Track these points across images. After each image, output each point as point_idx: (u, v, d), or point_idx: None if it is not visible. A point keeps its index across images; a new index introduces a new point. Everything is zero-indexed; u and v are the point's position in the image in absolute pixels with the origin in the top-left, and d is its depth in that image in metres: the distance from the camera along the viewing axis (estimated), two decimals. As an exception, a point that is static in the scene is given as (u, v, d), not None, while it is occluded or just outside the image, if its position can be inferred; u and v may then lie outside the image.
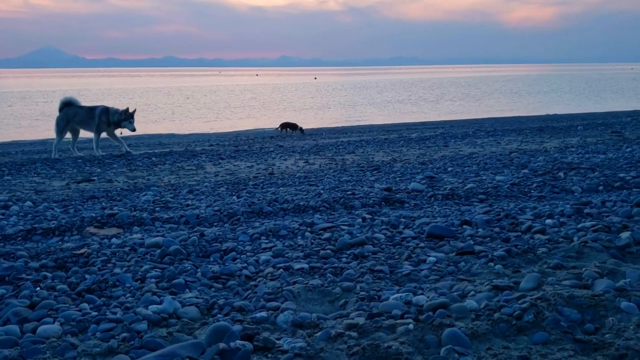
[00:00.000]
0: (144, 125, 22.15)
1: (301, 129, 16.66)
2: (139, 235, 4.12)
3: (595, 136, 11.11)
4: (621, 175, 5.87)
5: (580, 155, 7.82)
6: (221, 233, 4.01)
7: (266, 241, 3.80)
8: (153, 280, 3.08)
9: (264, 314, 2.50)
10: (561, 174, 6.20)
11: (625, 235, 3.46)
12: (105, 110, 10.78)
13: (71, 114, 10.82)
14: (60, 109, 10.92)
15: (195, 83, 70.05)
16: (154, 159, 9.88)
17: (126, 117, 10.67)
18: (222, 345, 2.09)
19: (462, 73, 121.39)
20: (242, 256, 3.46)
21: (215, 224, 4.50)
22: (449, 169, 7.36)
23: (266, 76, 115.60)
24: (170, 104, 32.52)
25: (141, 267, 3.31)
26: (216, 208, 4.94)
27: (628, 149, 8.24)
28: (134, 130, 10.89)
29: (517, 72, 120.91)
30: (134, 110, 10.85)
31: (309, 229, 4.06)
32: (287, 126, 16.97)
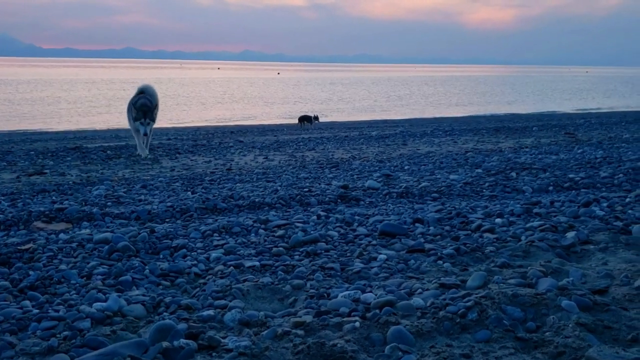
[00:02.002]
0: (98, 118, 21.68)
1: (316, 117, 16.67)
2: (87, 231, 4.02)
3: (550, 137, 11.39)
4: (571, 175, 6.03)
5: (534, 155, 8.01)
6: (172, 229, 3.95)
7: (218, 238, 3.76)
8: (99, 277, 3.01)
9: (211, 312, 2.47)
10: (513, 173, 6.34)
11: (570, 235, 3.56)
12: (135, 101, 9.11)
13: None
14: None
15: (155, 75, 68.84)
16: (109, 152, 9.68)
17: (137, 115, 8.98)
18: (165, 344, 2.06)
19: (425, 72, 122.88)
20: (192, 253, 3.41)
21: (167, 220, 4.43)
22: (406, 167, 7.44)
23: (228, 70, 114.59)
24: (127, 97, 31.93)
25: (88, 263, 3.23)
26: (169, 204, 4.86)
27: (579, 151, 8.48)
28: (144, 134, 9.06)
29: (478, 73, 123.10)
30: (154, 106, 9.14)
31: (263, 226, 4.03)
32: (305, 119, 16.84)
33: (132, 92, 9.80)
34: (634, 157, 7.35)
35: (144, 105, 8.99)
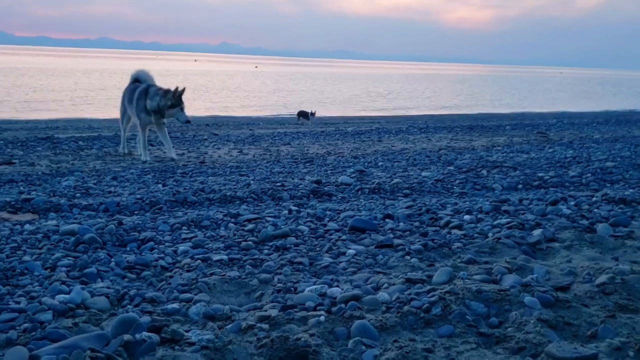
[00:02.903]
0: (71, 107, 21.33)
1: (312, 113, 16.54)
2: (54, 222, 3.95)
3: (522, 136, 11.54)
4: (540, 174, 6.12)
5: (505, 154, 8.11)
6: (141, 222, 3.91)
7: (187, 231, 3.73)
8: (64, 269, 2.96)
9: (175, 305, 2.45)
10: (484, 171, 6.41)
11: (537, 232, 3.62)
12: (145, 90, 7.72)
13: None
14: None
15: (131, 66, 67.76)
16: (80, 143, 9.52)
17: (174, 102, 7.46)
18: (126, 336, 2.04)
19: (403, 70, 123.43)
20: (160, 246, 3.38)
21: (136, 212, 4.38)
22: (380, 163, 7.47)
23: (206, 62, 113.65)
24: (101, 87, 31.41)
25: (53, 255, 3.17)
26: (138, 196, 4.81)
27: (550, 150, 8.61)
28: (187, 121, 7.70)
29: (455, 71, 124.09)
30: (183, 90, 7.59)
31: (233, 219, 4.01)
32: (302, 115, 16.69)
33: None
34: (603, 157, 7.50)
35: (175, 90, 7.58)
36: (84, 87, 31.02)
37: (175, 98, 7.48)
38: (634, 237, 3.65)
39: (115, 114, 19.03)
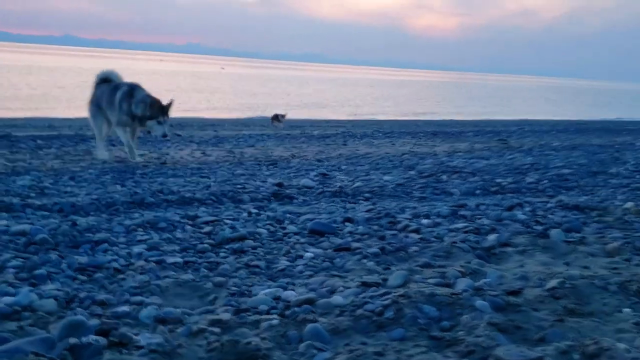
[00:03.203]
0: (31, 106, 20.80)
1: (283, 115, 16.25)
2: (4, 222, 3.83)
3: (483, 143, 11.73)
4: (498, 180, 6.23)
5: (466, 160, 8.23)
6: (96, 223, 3.82)
7: (143, 233, 3.66)
8: (12, 270, 2.87)
9: (126, 308, 2.40)
10: (444, 176, 6.49)
11: (491, 237, 3.68)
12: (130, 92, 7.31)
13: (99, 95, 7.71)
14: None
15: (96, 64, 66.57)
16: (39, 141, 9.27)
17: (153, 113, 7.10)
18: (72, 340, 1.99)
19: (371, 75, 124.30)
20: (114, 248, 3.31)
21: (92, 213, 4.28)
22: (343, 167, 7.49)
23: (171, 62, 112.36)
24: (63, 86, 30.75)
25: (1, 255, 3.08)
26: (94, 197, 4.71)
27: (510, 157, 8.77)
28: (164, 135, 7.42)
29: (421, 78, 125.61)
30: (170, 103, 7.27)
31: (190, 222, 3.97)
32: (275, 118, 16.36)
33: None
34: (560, 165, 7.68)
35: (158, 100, 7.26)
36: (45, 85, 30.30)
37: (154, 110, 7.14)
38: (586, 243, 3.75)
39: (78, 113, 18.67)
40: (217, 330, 2.20)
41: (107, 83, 7.76)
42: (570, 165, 7.69)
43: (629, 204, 4.85)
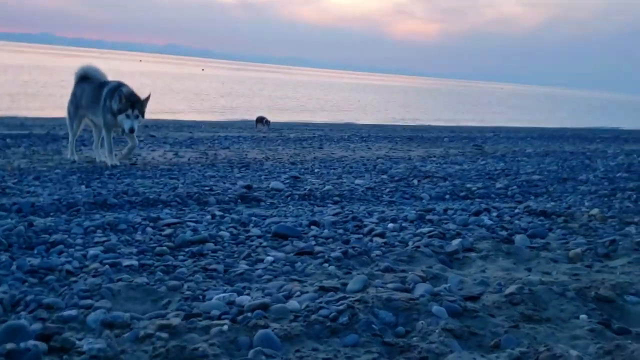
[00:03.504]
0: (2, 104, 20.41)
1: (267, 121, 15.91)
2: (-44, 222, 3.72)
3: (458, 148, 11.78)
4: (468, 185, 6.25)
5: (439, 165, 8.25)
6: (54, 224, 3.72)
7: (101, 235, 3.58)
8: (-42, 272, 2.78)
9: (73, 312, 2.32)
10: (415, 181, 6.49)
11: (455, 242, 3.67)
12: (115, 89, 6.89)
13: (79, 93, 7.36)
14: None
15: (74, 63, 65.63)
16: (8, 140, 9.09)
17: (122, 107, 6.66)
18: (9, 345, 1.91)
19: (352, 79, 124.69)
20: (69, 250, 3.23)
21: (52, 214, 4.17)
22: (316, 170, 7.45)
23: (151, 63, 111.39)
24: (37, 85, 30.24)
25: (-52, 257, 2.98)
26: (56, 197, 4.60)
27: (482, 162, 8.82)
28: (131, 130, 6.78)
29: (401, 83, 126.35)
30: (147, 98, 6.92)
31: (152, 224, 3.88)
32: (259, 121, 15.97)
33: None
34: (531, 171, 7.73)
35: (132, 93, 6.84)
36: (19, 84, 29.77)
37: (123, 103, 6.68)
38: (549, 249, 3.76)
39: (52, 112, 18.37)
40: (164, 335, 2.14)
41: (87, 81, 7.38)
42: (541, 171, 7.76)
43: (595, 211, 4.89)
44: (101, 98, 6.96)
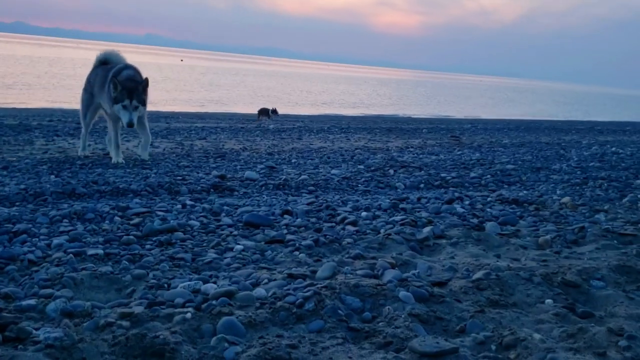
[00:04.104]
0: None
1: (274, 110, 15.53)
2: None
3: (436, 139, 11.83)
4: (443, 175, 6.27)
5: (416, 155, 8.27)
6: (18, 213, 3.64)
7: (67, 224, 3.51)
8: None
9: (32, 302, 2.27)
10: (391, 171, 6.49)
11: (426, 229, 3.67)
12: (117, 72, 6.11)
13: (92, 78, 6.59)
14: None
15: (52, 54, 64.71)
16: (-23, 131, 8.91)
17: (118, 95, 5.88)
18: (-38, 336, 1.86)
19: (332, 71, 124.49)
20: (33, 239, 3.16)
21: (17, 203, 4.09)
22: (293, 160, 7.42)
23: (129, 54, 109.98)
24: (10, 75, 29.69)
25: None
26: (22, 186, 4.51)
27: (459, 153, 8.86)
28: (129, 124, 5.93)
29: (382, 75, 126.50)
30: (146, 83, 6.07)
31: (120, 213, 3.82)
32: (263, 113, 15.57)
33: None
34: (505, 160, 7.79)
35: (129, 78, 5.93)
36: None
37: (119, 91, 5.86)
38: (519, 236, 3.78)
39: (26, 102, 18.03)
40: (126, 324, 2.10)
41: (103, 66, 6.61)
42: (515, 161, 7.81)
43: (566, 199, 4.93)
44: (106, 84, 6.21)
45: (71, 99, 20.35)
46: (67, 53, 75.04)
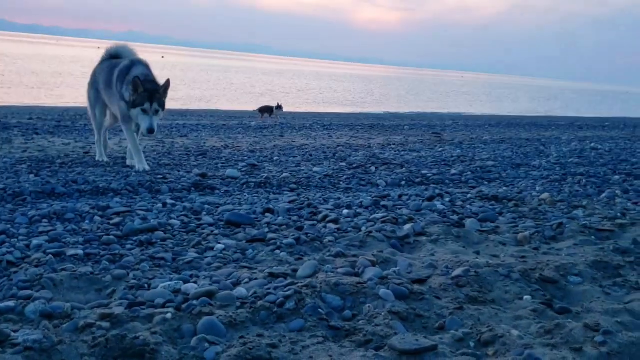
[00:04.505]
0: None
1: (279, 106, 15.27)
2: None
3: (417, 136, 11.89)
4: (424, 172, 6.31)
5: (397, 152, 8.31)
6: (-4, 214, 3.61)
7: (47, 224, 3.48)
8: None
9: (11, 303, 2.25)
10: (373, 168, 6.52)
11: (407, 227, 3.70)
12: (128, 69, 5.58)
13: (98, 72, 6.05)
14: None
15: (31, 50, 63.76)
16: (-46, 130, 8.77)
17: (137, 99, 5.33)
18: (-61, 339, 1.84)
19: (313, 67, 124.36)
20: (12, 240, 3.13)
21: (-5, 204, 4.04)
22: (275, 158, 7.41)
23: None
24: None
25: None
26: (1, 186, 4.45)
27: (440, 149, 8.92)
28: (150, 130, 5.34)
29: (364, 72, 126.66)
30: (167, 85, 5.50)
31: (100, 212, 3.80)
32: (265, 111, 15.25)
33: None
34: (486, 157, 7.86)
35: (150, 80, 5.42)
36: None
37: (139, 93, 5.29)
38: (499, 232, 3.83)
39: (8, 100, 17.74)
40: (106, 325, 2.09)
41: (112, 60, 6.04)
42: (495, 157, 7.89)
43: (545, 195, 5.00)
44: (113, 81, 5.62)
45: (51, 97, 20.11)
46: (47, 50, 74.01)
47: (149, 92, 5.30)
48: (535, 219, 4.25)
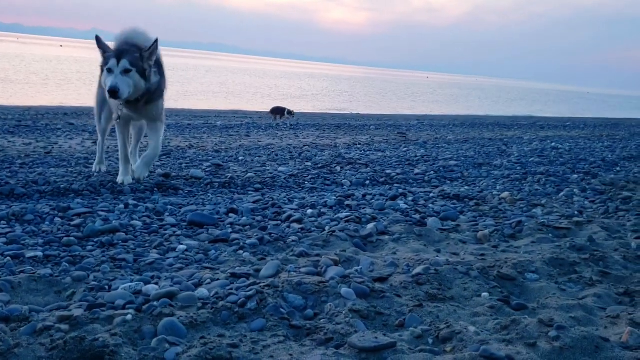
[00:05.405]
0: None
1: (290, 112, 15.15)
2: None
3: (383, 136, 12.00)
4: (388, 171, 6.39)
5: (363, 152, 8.37)
6: (-49, 216, 3.52)
7: (5, 226, 3.41)
8: None
9: (-35, 307, 2.21)
10: (338, 167, 6.57)
11: (370, 226, 3.74)
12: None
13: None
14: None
15: (-14, 47, 61.97)
16: None
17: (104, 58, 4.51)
18: None
19: (280, 67, 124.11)
20: (-33, 243, 3.06)
21: (-51, 206, 3.94)
22: (240, 158, 7.39)
23: (73, 48, 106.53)
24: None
25: None
26: (-44, 188, 4.34)
27: (404, 149, 9.03)
28: (112, 91, 4.38)
29: (331, 72, 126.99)
30: (154, 45, 4.59)
31: (60, 213, 3.74)
32: (277, 112, 15.08)
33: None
34: (449, 157, 7.99)
35: (123, 39, 4.63)
36: None
37: (106, 54, 4.47)
38: (459, 231, 3.91)
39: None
40: (65, 327, 2.07)
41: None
42: (458, 157, 8.02)
43: (505, 194, 5.11)
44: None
45: (9, 96, 19.60)
46: (8, 48, 72.06)
47: (118, 50, 4.47)
48: (495, 217, 4.35)
